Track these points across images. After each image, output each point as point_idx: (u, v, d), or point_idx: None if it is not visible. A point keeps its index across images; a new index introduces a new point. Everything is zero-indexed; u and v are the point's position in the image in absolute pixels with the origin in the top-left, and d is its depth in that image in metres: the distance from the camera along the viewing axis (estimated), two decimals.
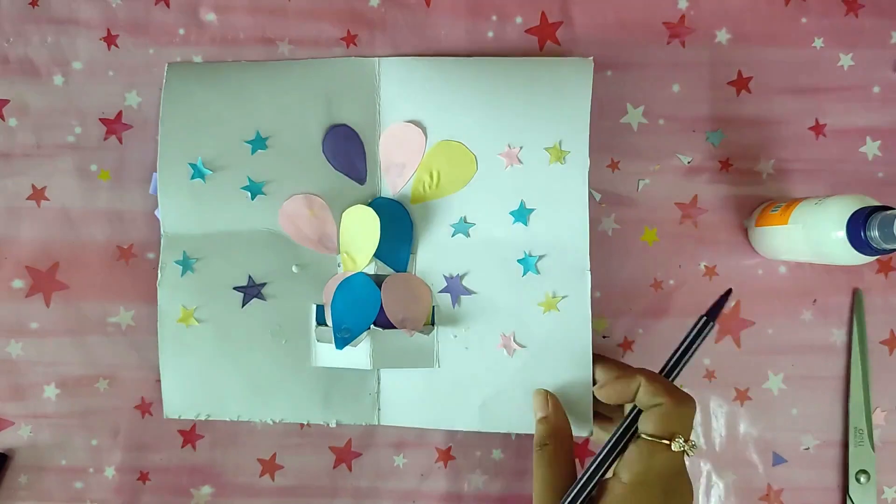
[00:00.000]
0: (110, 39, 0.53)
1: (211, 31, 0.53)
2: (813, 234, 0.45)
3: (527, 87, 0.51)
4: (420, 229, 0.52)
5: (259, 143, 0.51)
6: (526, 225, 0.51)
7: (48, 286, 0.52)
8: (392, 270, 0.51)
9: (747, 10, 0.54)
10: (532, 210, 0.51)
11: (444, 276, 0.51)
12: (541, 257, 0.50)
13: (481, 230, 0.51)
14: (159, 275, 0.51)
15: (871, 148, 0.53)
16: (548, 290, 0.50)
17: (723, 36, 0.54)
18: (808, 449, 0.53)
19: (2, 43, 0.52)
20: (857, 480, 0.52)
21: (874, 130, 0.53)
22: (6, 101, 0.52)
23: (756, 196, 0.53)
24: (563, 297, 0.50)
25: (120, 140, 0.52)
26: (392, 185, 0.52)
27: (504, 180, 0.51)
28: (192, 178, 0.51)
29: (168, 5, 0.53)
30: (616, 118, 0.53)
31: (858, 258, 0.44)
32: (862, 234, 0.43)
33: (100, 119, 0.52)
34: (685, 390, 0.44)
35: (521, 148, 0.51)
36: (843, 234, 0.43)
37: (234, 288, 0.51)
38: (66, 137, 0.52)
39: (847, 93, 0.54)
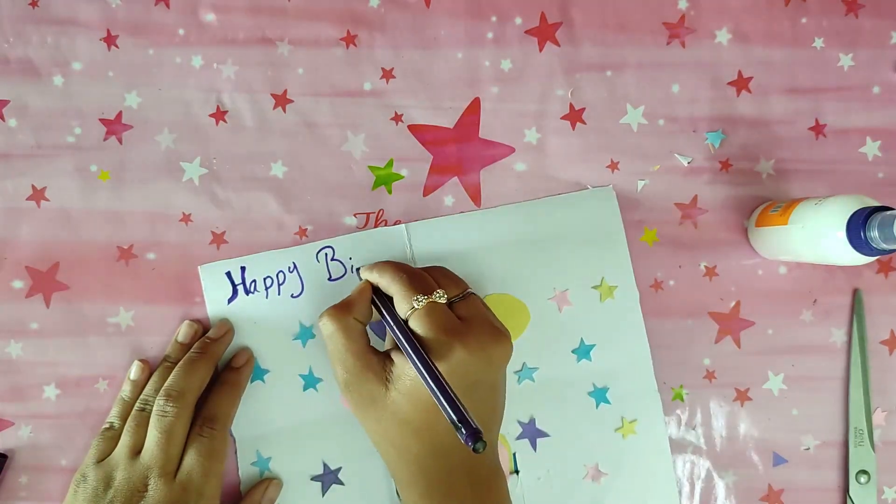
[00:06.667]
0: (110, 40, 0.53)
1: (211, 31, 0.53)
2: (813, 235, 0.45)
3: (558, 230, 0.52)
4: None
5: (306, 333, 0.51)
6: (590, 360, 0.52)
7: (48, 286, 0.52)
8: None
9: (747, 10, 0.53)
10: (593, 346, 0.52)
11: (519, 423, 0.52)
12: (610, 387, 0.52)
13: (546, 373, 0.52)
14: (240, 480, 0.51)
15: (871, 148, 0.53)
16: (623, 415, 0.52)
17: (723, 36, 0.54)
18: (808, 449, 0.53)
19: (2, 43, 0.52)
20: (858, 481, 0.52)
21: (874, 130, 0.53)
22: (6, 102, 0.52)
23: (756, 196, 0.53)
24: (639, 421, 0.52)
25: (120, 140, 0.52)
26: None
27: (560, 323, 0.52)
28: (252, 380, 0.51)
29: (168, 6, 0.53)
30: (616, 118, 0.53)
31: (858, 258, 0.44)
32: (862, 234, 0.43)
33: (100, 119, 0.52)
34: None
35: (567, 290, 0.52)
36: (843, 234, 0.43)
37: (312, 478, 0.51)
38: (66, 138, 0.52)
39: (847, 93, 0.54)
